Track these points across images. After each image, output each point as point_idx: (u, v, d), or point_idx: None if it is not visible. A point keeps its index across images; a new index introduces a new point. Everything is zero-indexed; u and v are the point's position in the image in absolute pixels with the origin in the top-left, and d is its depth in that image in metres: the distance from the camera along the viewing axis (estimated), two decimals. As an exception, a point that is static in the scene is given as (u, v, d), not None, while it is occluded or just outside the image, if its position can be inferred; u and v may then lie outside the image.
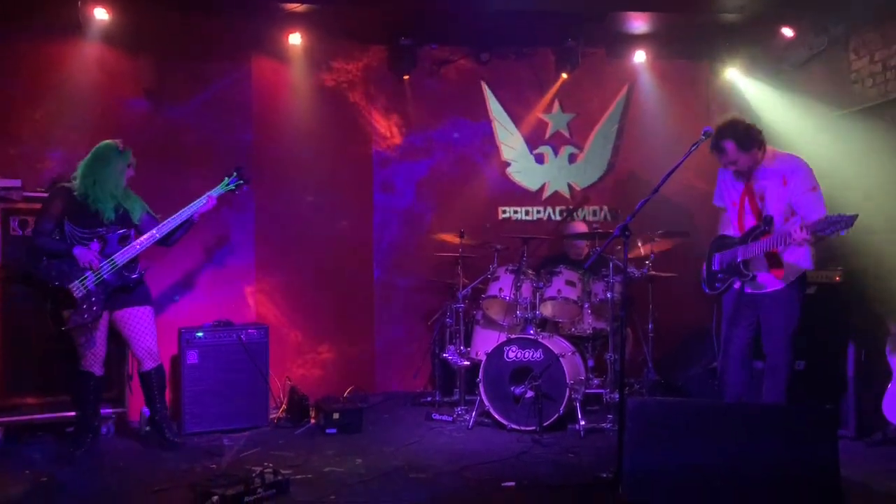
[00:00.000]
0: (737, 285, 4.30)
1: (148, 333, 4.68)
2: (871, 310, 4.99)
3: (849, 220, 3.69)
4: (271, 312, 6.04)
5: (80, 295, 4.40)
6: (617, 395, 4.73)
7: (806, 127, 5.85)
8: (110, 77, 5.63)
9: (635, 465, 3.28)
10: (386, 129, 6.59)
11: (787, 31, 5.92)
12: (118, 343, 4.81)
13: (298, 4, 5.62)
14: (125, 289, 4.58)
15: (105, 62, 5.61)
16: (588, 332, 5.53)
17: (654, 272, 5.59)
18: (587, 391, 5.33)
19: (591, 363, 5.56)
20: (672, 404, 3.76)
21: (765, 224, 4.16)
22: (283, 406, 5.54)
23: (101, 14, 5.37)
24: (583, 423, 4.95)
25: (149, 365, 4.69)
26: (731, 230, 4.43)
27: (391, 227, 6.57)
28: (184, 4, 5.54)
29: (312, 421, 5.24)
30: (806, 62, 6.12)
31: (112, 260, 4.48)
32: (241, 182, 4.87)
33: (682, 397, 5.58)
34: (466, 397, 5.60)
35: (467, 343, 5.74)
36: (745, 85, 6.46)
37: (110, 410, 4.98)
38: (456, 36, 6.52)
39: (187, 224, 4.75)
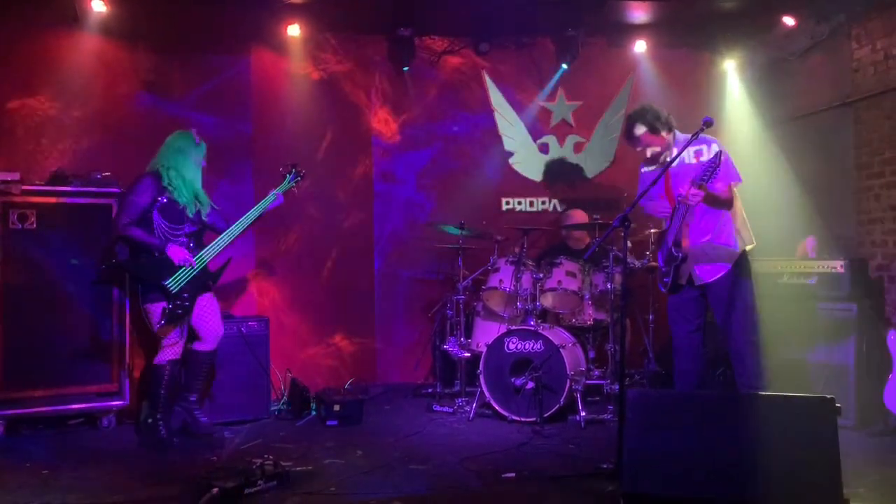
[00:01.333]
0: (682, 279, 4.34)
1: (217, 317, 4.77)
2: (872, 300, 4.99)
3: (714, 160, 3.94)
4: (272, 304, 6.04)
5: (175, 291, 4.46)
6: (617, 387, 4.72)
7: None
8: (109, 69, 5.61)
9: (635, 455, 3.27)
10: (386, 120, 6.57)
11: (788, 20, 5.89)
12: (120, 334, 4.83)
13: (297, -5, 5.60)
14: (205, 282, 4.65)
15: (103, 54, 5.59)
16: (589, 322, 5.53)
17: (654, 262, 5.56)
18: (588, 382, 5.33)
19: (591, 354, 5.55)
20: (672, 395, 3.76)
21: (678, 203, 4.21)
22: (284, 398, 5.55)
23: (98, 6, 5.35)
24: (583, 414, 4.94)
25: (211, 346, 4.76)
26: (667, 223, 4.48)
27: (392, 219, 6.55)
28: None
29: (313, 413, 5.25)
30: (807, 51, 6.09)
31: (201, 257, 4.58)
32: (300, 178, 5.00)
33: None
34: (467, 389, 5.61)
35: (468, 334, 5.73)
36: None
37: (111, 403, 4.98)
38: (455, 26, 6.49)
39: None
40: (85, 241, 4.96)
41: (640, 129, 4.40)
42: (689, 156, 4.29)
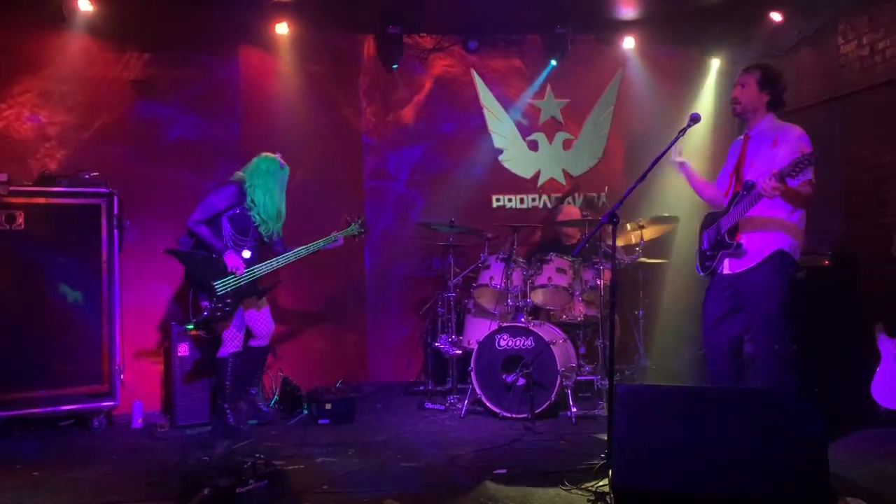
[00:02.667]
0: (722, 267, 4.11)
1: (268, 317, 5.11)
2: (860, 294, 5.03)
3: (809, 157, 3.61)
4: (263, 304, 6.03)
5: (220, 293, 4.67)
6: (608, 382, 4.73)
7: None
8: (96, 69, 5.59)
9: (626, 450, 3.29)
10: (376, 118, 6.58)
11: (776, 16, 5.92)
12: (111, 334, 4.84)
13: (285, -6, 5.59)
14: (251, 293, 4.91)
15: (90, 54, 5.57)
16: (579, 319, 5.54)
17: (643, 259, 5.59)
18: (579, 378, 5.35)
19: (582, 350, 5.57)
20: (661, 390, 3.76)
21: (745, 189, 3.96)
22: (276, 397, 5.55)
23: (85, 5, 5.32)
24: (574, 409, 4.96)
25: (265, 342, 5.15)
26: (721, 204, 4.26)
27: (382, 216, 6.56)
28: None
29: (305, 412, 5.25)
30: (794, 47, 6.13)
31: (253, 271, 4.82)
32: (363, 232, 5.31)
33: (673, 383, 5.60)
34: (458, 386, 5.62)
35: (459, 332, 5.74)
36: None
37: (102, 404, 4.97)
38: (444, 24, 6.50)
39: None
40: (74, 241, 4.94)
41: (755, 72, 4.07)
42: (763, 144, 4.02)
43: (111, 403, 5.00)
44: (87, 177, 5.05)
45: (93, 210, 5.00)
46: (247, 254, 4.87)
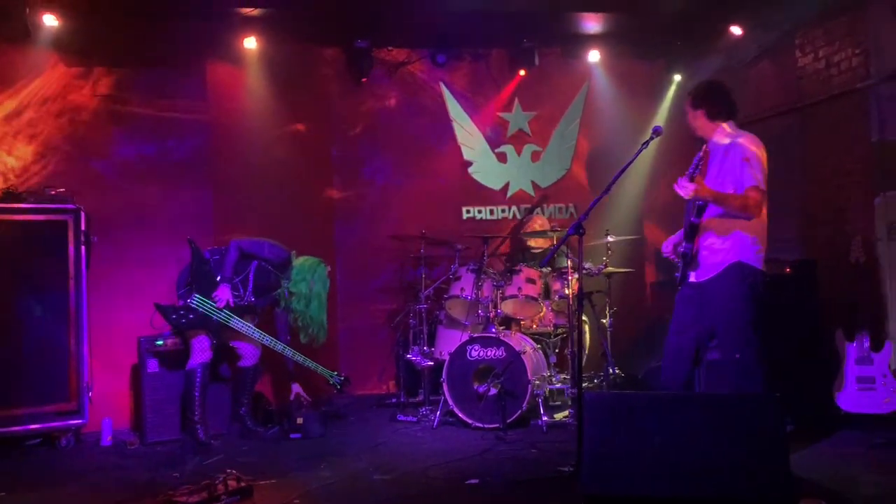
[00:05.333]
0: (689, 275, 4.12)
1: (253, 339, 5.03)
2: (820, 300, 5.15)
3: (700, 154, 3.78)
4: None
5: (192, 305, 4.76)
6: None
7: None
8: (62, 85, 5.56)
9: (595, 457, 3.34)
10: (345, 131, 6.60)
11: (736, 30, 6.07)
12: (78, 350, 4.79)
13: (253, 8, 5.59)
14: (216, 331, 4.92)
15: (57, 69, 5.55)
16: (549, 328, 5.61)
17: (611, 268, 5.68)
18: (550, 387, 5.41)
19: (553, 359, 5.64)
20: (629, 397, 3.83)
21: (696, 201, 3.93)
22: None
23: (50, 20, 5.28)
24: (545, 418, 5.01)
25: (251, 362, 5.20)
26: None
27: (353, 229, 6.57)
28: (136, 10, 5.47)
29: (277, 426, 5.23)
30: (754, 59, 6.29)
31: (229, 317, 4.83)
32: (341, 388, 5.25)
33: (641, 390, 5.68)
34: (431, 397, 5.64)
35: (431, 343, 5.77)
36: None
37: (70, 422, 4.91)
38: (412, 38, 6.56)
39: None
40: (41, 257, 4.90)
41: (688, 100, 4.16)
42: (719, 151, 4.01)
43: (79, 421, 4.95)
44: (53, 193, 5.01)
45: (60, 226, 4.96)
46: (239, 294, 4.94)
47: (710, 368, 4.35)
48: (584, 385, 3.90)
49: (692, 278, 4.10)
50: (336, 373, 5.18)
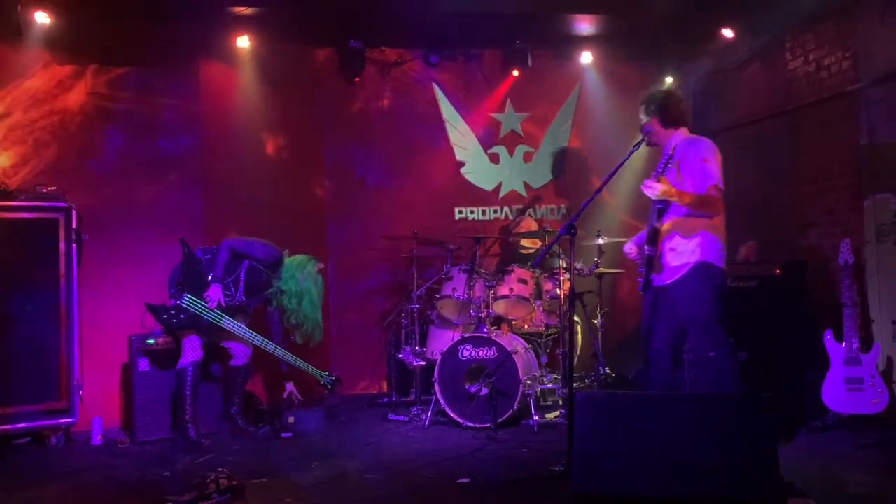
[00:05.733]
0: (653, 279, 4.14)
1: (245, 338, 4.98)
2: (809, 301, 5.19)
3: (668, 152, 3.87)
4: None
5: (183, 305, 4.72)
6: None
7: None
8: (54, 83, 5.54)
9: (586, 457, 3.35)
10: (337, 131, 6.60)
11: (727, 32, 6.10)
12: (69, 349, 4.78)
13: (245, 7, 5.59)
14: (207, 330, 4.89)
15: (48, 68, 5.53)
16: (541, 328, 5.63)
17: (603, 269, 5.70)
18: (541, 387, 5.43)
19: (544, 359, 5.65)
20: (619, 396, 3.85)
21: (658, 203, 3.99)
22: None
23: (42, 18, 5.26)
24: (536, 418, 5.03)
25: (243, 361, 5.19)
26: None
27: (345, 229, 6.58)
28: (128, 8, 5.46)
29: (268, 425, 5.23)
30: (745, 62, 6.33)
31: (220, 317, 4.79)
32: (332, 389, 5.21)
33: (631, 390, 5.70)
34: (422, 397, 5.65)
35: (423, 343, 5.78)
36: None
37: (60, 421, 4.89)
38: (405, 38, 6.56)
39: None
40: (32, 255, 4.88)
41: (640, 109, 4.23)
42: (679, 152, 4.03)
43: (69, 420, 4.93)
44: (44, 191, 4.99)
45: (51, 224, 4.94)
46: (231, 295, 4.92)
47: (690, 368, 4.35)
48: (575, 385, 3.91)
49: (656, 282, 4.12)
50: (327, 373, 5.18)
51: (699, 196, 3.90)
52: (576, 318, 5.70)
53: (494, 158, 6.89)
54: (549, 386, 5.49)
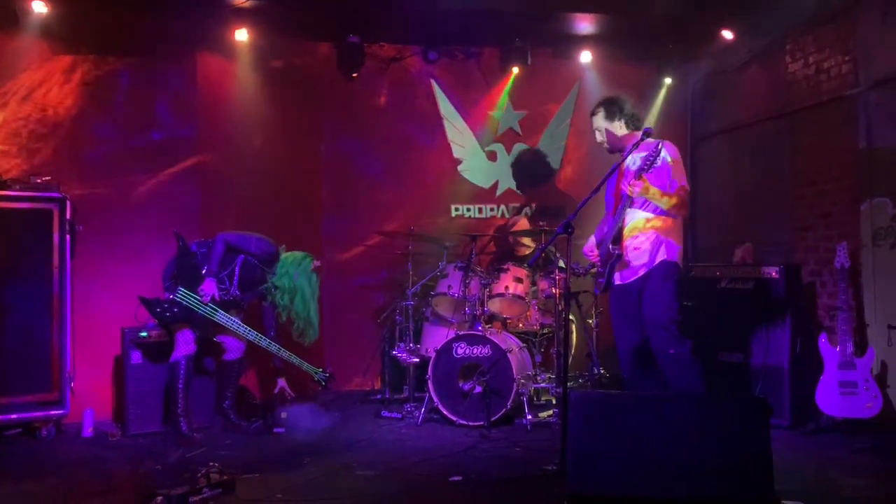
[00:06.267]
0: (615, 278, 4.28)
1: (239, 332, 4.94)
2: (805, 304, 5.19)
3: (656, 149, 3.97)
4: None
5: (177, 299, 4.67)
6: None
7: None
8: (49, 72, 5.50)
9: (579, 456, 3.34)
10: (334, 126, 6.58)
11: (727, 34, 6.09)
12: (60, 340, 4.77)
13: (244, 0, 5.56)
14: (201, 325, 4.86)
15: (45, 57, 5.48)
16: (536, 327, 5.61)
17: (595, 270, 5.68)
18: (535, 386, 5.41)
19: (538, 358, 5.64)
20: (614, 396, 3.84)
21: (626, 204, 4.18)
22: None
23: (39, 7, 5.22)
24: (530, 417, 5.01)
25: (236, 355, 5.15)
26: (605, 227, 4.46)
27: (340, 224, 6.56)
28: (126, -1, 5.45)
29: (260, 420, 5.21)
30: (745, 64, 6.32)
31: (214, 311, 4.76)
32: (325, 385, 5.19)
33: (626, 390, 5.69)
34: (416, 394, 5.63)
35: (417, 340, 5.76)
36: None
37: (51, 412, 4.86)
38: (404, 34, 6.53)
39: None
40: (25, 246, 4.85)
41: (598, 112, 4.44)
42: (635, 160, 4.18)
43: (60, 412, 4.89)
44: (38, 181, 4.96)
45: (45, 215, 4.90)
46: (225, 288, 4.90)
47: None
48: (569, 384, 3.90)
49: (618, 280, 4.29)
50: (321, 369, 5.16)
51: (670, 196, 4.10)
52: (570, 318, 5.69)
53: (492, 156, 6.87)
54: (543, 385, 5.48)
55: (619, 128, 4.40)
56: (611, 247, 4.20)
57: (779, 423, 4.75)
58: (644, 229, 4.19)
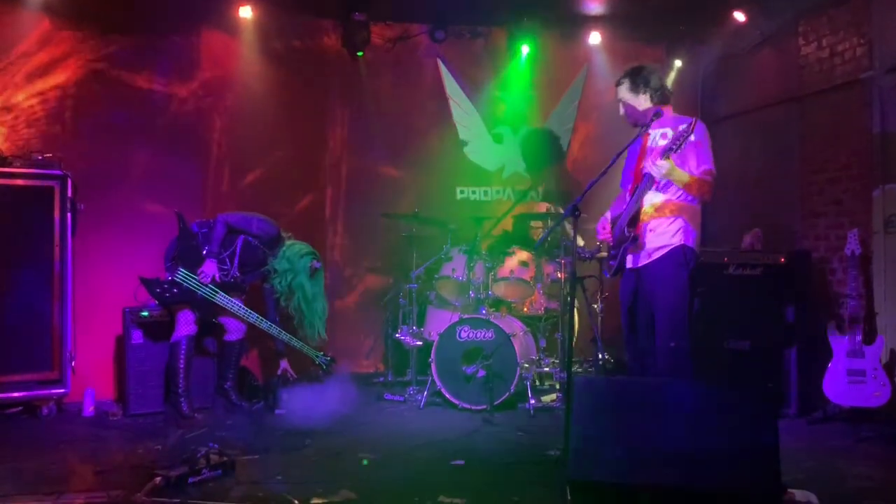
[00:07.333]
0: (626, 261, 4.04)
1: (240, 313, 4.93)
2: (814, 291, 5.12)
3: (686, 129, 3.65)
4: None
5: (177, 279, 4.66)
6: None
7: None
8: (52, 49, 5.43)
9: (582, 442, 3.30)
10: (339, 105, 6.49)
11: (739, 16, 5.98)
12: (61, 319, 4.73)
13: (249, -24, 5.49)
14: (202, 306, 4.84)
15: (46, 34, 5.41)
16: (540, 312, 5.56)
17: (605, 253, 5.61)
18: (539, 371, 5.37)
19: (542, 343, 5.60)
20: (618, 382, 3.79)
21: (647, 185, 3.90)
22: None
23: (41, -19, 5.16)
24: (533, 401, 4.98)
25: (238, 336, 5.11)
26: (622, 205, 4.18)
27: (344, 205, 6.49)
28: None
29: (262, 402, 5.18)
30: (756, 47, 6.21)
31: (215, 292, 4.73)
32: (326, 369, 5.21)
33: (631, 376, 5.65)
34: (419, 377, 5.59)
35: (420, 323, 5.72)
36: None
37: (51, 391, 4.84)
38: (410, 13, 6.44)
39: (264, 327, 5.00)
40: (26, 224, 4.81)
41: (623, 83, 4.10)
42: (656, 137, 3.96)
43: (61, 391, 4.88)
44: (40, 158, 4.91)
45: (46, 192, 4.86)
46: (225, 269, 4.86)
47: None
48: (573, 369, 3.84)
49: (630, 263, 4.03)
50: (322, 353, 5.13)
51: (695, 179, 3.82)
52: (575, 303, 5.63)
53: (498, 138, 6.79)
54: (547, 370, 5.44)
55: (644, 101, 4.05)
56: (626, 229, 3.94)
57: (787, 411, 4.70)
58: (664, 212, 3.91)
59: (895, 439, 4.27)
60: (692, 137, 3.75)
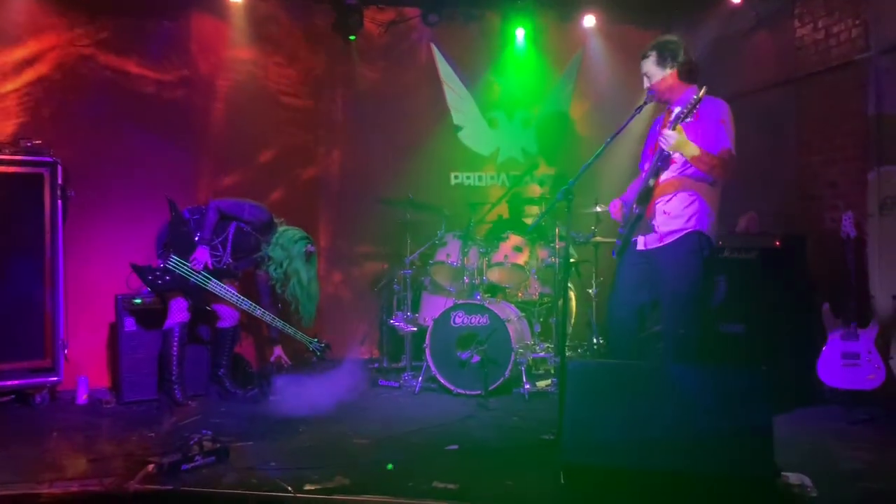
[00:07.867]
0: (637, 241, 3.86)
1: (233, 301, 4.92)
2: (808, 274, 5.11)
3: (694, 99, 3.47)
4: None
5: (169, 266, 4.67)
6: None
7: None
8: (40, 33, 5.36)
9: (576, 426, 3.30)
10: (332, 90, 6.44)
11: (734, -3, 5.94)
12: (54, 307, 4.69)
13: (239, -41, 5.42)
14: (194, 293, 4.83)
15: (32, 17, 5.34)
16: (535, 297, 5.55)
17: (599, 237, 5.61)
18: (533, 356, 5.37)
19: (537, 328, 5.59)
20: (612, 366, 3.76)
21: (659, 159, 3.73)
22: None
23: (27, -36, 5.09)
24: (527, 386, 4.98)
25: (230, 323, 5.09)
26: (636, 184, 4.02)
27: (338, 191, 6.45)
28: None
29: (256, 388, 5.17)
30: (752, 29, 6.16)
31: (207, 279, 4.73)
32: (320, 355, 5.19)
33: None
34: (413, 363, 5.58)
35: (415, 309, 5.71)
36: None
37: (44, 379, 4.82)
38: (403, -4, 6.38)
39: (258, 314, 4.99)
40: (16, 211, 4.77)
41: (649, 55, 3.82)
42: (674, 112, 3.72)
43: (54, 379, 4.85)
44: (29, 144, 4.86)
45: (36, 179, 4.81)
46: (217, 256, 4.86)
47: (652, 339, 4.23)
48: (567, 354, 3.83)
49: (640, 245, 3.84)
50: (316, 339, 5.11)
51: (711, 156, 3.59)
52: (570, 287, 5.62)
53: (493, 123, 6.75)
54: (542, 355, 5.44)
55: (671, 77, 3.79)
56: (634, 206, 3.79)
57: (778, 394, 4.68)
58: (678, 192, 3.70)
59: (888, 422, 4.28)
60: (715, 115, 3.60)
